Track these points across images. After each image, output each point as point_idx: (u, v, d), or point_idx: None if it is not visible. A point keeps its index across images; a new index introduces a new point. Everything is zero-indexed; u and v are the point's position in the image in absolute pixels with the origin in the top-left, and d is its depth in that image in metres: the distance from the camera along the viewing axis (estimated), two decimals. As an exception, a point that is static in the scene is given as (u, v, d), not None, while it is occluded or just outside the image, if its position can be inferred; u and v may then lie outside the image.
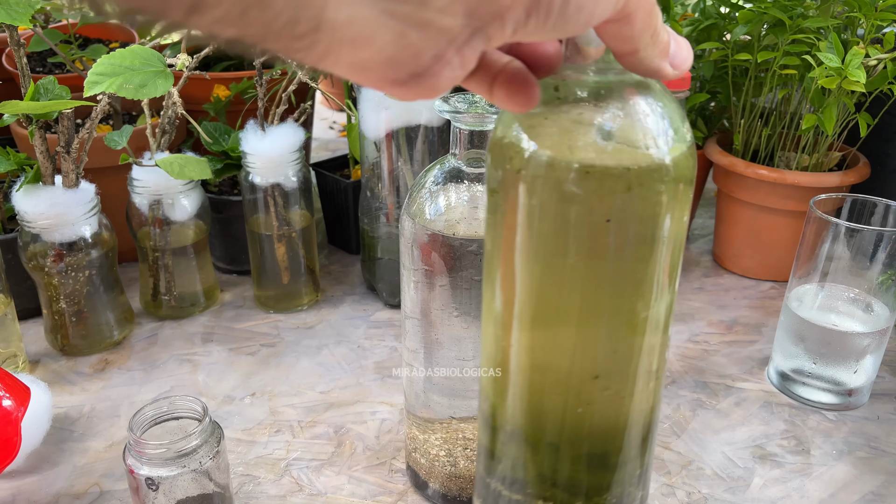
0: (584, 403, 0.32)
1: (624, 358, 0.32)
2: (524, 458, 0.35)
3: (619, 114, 0.28)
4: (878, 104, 0.76)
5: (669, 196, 0.29)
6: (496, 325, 0.33)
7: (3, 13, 0.56)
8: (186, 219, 0.71)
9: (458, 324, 0.44)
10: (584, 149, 0.28)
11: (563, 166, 0.28)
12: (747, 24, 0.74)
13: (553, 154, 0.28)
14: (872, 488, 0.54)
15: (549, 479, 0.34)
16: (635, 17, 0.24)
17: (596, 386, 0.32)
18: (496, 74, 0.26)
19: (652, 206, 0.28)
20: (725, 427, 0.60)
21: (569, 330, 0.31)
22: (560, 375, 0.32)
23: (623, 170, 0.28)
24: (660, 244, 0.30)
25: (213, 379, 0.65)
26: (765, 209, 0.78)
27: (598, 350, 0.32)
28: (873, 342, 0.60)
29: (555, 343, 0.32)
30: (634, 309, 0.31)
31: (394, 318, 0.75)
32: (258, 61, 0.68)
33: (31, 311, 0.73)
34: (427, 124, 0.69)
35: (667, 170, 0.28)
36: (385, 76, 0.20)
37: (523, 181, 0.29)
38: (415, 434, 0.51)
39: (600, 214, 0.28)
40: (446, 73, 0.21)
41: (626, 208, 0.28)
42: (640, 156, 0.28)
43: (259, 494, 0.53)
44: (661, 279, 0.31)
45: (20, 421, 0.49)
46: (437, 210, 0.43)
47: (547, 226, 0.29)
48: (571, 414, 0.33)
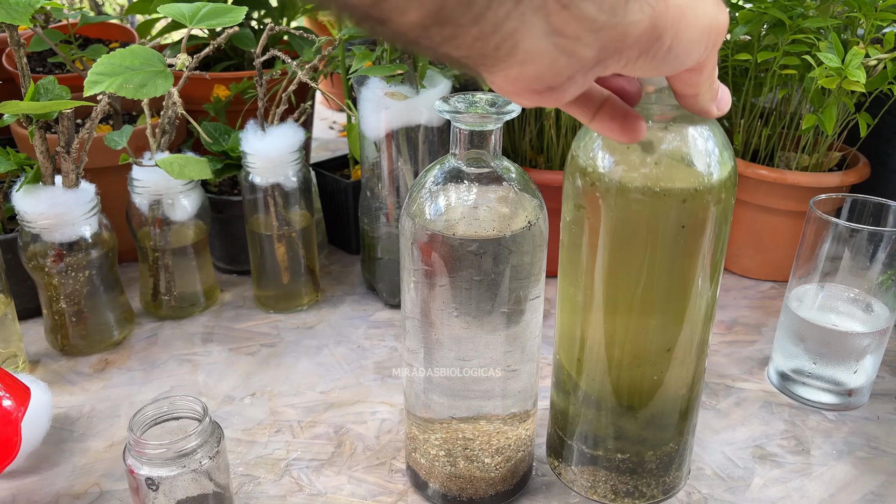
0: (658, 372, 0.42)
1: (689, 333, 0.41)
2: (604, 420, 0.44)
3: (681, 141, 0.37)
4: (878, 104, 0.76)
5: (715, 204, 0.38)
6: (578, 314, 0.43)
7: (3, 13, 0.56)
8: (186, 219, 0.71)
9: (458, 324, 0.44)
10: (650, 173, 0.36)
11: (634, 188, 0.37)
12: (747, 24, 0.74)
13: (624, 178, 0.37)
14: (872, 488, 0.54)
15: (624, 435, 0.44)
16: (705, 69, 0.31)
17: (669, 357, 0.42)
18: (601, 105, 0.33)
19: (704, 212, 0.38)
20: (725, 427, 0.60)
21: (650, 314, 0.40)
22: (640, 350, 0.41)
23: (681, 190, 0.37)
24: (710, 241, 0.39)
25: (213, 379, 0.65)
26: (765, 209, 0.78)
27: (671, 328, 0.41)
28: (873, 342, 0.60)
29: (639, 325, 0.41)
30: (696, 291, 0.40)
31: (394, 318, 0.75)
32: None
33: (31, 311, 0.73)
34: (427, 124, 0.69)
35: (714, 186, 0.37)
36: (529, 86, 0.26)
37: (602, 199, 0.38)
38: (415, 434, 0.51)
39: (669, 221, 0.37)
40: (572, 90, 0.27)
41: (685, 216, 0.37)
42: (696, 174, 0.37)
43: (259, 494, 0.53)
44: (717, 267, 0.40)
45: (20, 421, 0.49)
46: (437, 210, 0.43)
47: (625, 232, 0.38)
48: (649, 381, 0.42)
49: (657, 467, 0.46)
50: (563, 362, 0.46)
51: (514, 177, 0.44)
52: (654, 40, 0.26)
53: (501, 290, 0.43)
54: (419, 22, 0.21)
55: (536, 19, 0.22)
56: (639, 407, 0.44)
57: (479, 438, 0.48)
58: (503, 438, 0.49)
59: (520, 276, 0.44)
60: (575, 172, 0.40)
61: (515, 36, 0.22)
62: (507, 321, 0.45)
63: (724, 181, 0.38)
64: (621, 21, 0.24)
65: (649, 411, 0.44)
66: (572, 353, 0.45)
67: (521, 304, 0.45)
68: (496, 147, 0.43)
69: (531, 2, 0.22)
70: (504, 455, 0.49)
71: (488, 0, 0.21)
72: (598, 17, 0.23)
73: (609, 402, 0.44)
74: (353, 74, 0.68)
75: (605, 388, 0.44)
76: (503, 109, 0.41)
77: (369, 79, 0.68)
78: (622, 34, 0.24)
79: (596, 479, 0.48)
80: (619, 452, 0.46)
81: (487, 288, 0.43)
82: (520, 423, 0.49)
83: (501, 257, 0.43)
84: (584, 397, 0.45)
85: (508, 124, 0.79)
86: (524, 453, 0.51)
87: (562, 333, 0.46)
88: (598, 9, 0.23)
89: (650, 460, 0.46)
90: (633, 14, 0.24)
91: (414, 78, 0.69)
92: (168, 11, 0.62)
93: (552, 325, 0.72)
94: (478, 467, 0.49)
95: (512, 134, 0.80)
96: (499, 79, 0.26)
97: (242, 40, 0.85)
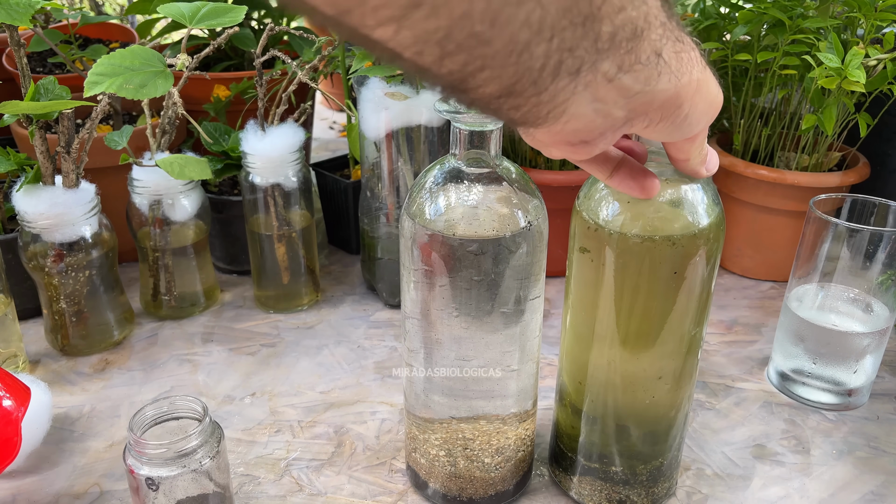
0: (650, 396, 0.47)
1: (677, 363, 0.46)
2: (601, 437, 0.49)
3: (675, 195, 0.42)
4: (878, 104, 0.76)
5: (704, 247, 0.42)
6: (580, 342, 0.47)
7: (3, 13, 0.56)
8: (186, 219, 0.71)
9: (458, 324, 0.44)
10: (649, 223, 0.42)
11: (632, 235, 0.42)
12: (747, 24, 0.74)
13: (624, 226, 0.42)
14: (872, 488, 0.54)
15: (619, 451, 0.49)
16: (698, 138, 0.35)
17: (659, 384, 0.46)
18: (618, 165, 0.39)
19: (693, 257, 0.42)
20: (725, 427, 0.60)
21: (644, 348, 0.45)
22: (635, 377, 0.46)
23: (674, 237, 0.41)
24: (698, 284, 0.43)
25: (213, 379, 0.65)
26: (765, 209, 0.78)
27: (663, 359, 0.45)
28: (873, 342, 0.60)
29: (633, 356, 0.45)
30: (686, 329, 0.45)
31: (394, 318, 0.75)
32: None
33: (31, 311, 0.73)
34: (427, 124, 0.69)
35: (703, 233, 0.42)
36: (565, 139, 0.30)
37: (603, 243, 0.43)
38: (415, 434, 0.51)
39: (663, 266, 0.42)
40: (601, 144, 0.31)
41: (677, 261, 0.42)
42: (688, 224, 0.42)
43: (259, 494, 0.53)
44: (704, 308, 0.45)
45: (20, 421, 0.49)
46: (437, 210, 0.43)
47: (623, 274, 0.43)
48: (641, 404, 0.47)
49: (647, 479, 0.50)
50: (567, 383, 0.50)
51: (514, 177, 0.44)
52: (675, 107, 0.30)
53: (501, 290, 0.43)
54: (494, 94, 0.25)
55: (586, 91, 0.26)
56: (633, 426, 0.48)
57: (479, 438, 0.48)
58: (503, 438, 0.49)
59: (520, 276, 0.44)
60: (579, 218, 0.45)
61: (566, 104, 0.26)
62: (507, 321, 0.45)
63: (712, 228, 0.42)
64: (653, 89, 0.28)
65: (642, 430, 0.48)
66: (575, 376, 0.49)
67: (521, 304, 0.45)
68: (496, 147, 0.43)
69: (584, 77, 0.25)
70: (504, 455, 0.49)
71: (552, 78, 0.25)
72: (634, 86, 0.27)
73: (606, 421, 0.48)
74: (353, 74, 0.68)
75: (602, 409, 0.48)
76: (503, 109, 0.41)
77: (369, 79, 0.68)
78: (650, 100, 0.28)
79: (592, 488, 0.51)
80: (613, 465, 0.50)
81: (487, 288, 0.43)
82: (520, 422, 0.49)
83: (501, 257, 0.43)
84: (584, 416, 0.49)
85: (508, 124, 0.79)
86: (524, 453, 0.51)
87: (566, 358, 0.50)
88: (635, 80, 0.27)
89: (641, 473, 0.50)
90: (663, 83, 0.28)
91: (414, 78, 0.69)
92: (168, 11, 0.62)
93: (552, 326, 0.73)
94: (478, 467, 0.49)
95: (512, 134, 0.80)
96: (541, 133, 0.30)
97: (242, 40, 0.85)
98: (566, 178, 0.75)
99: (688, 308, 0.44)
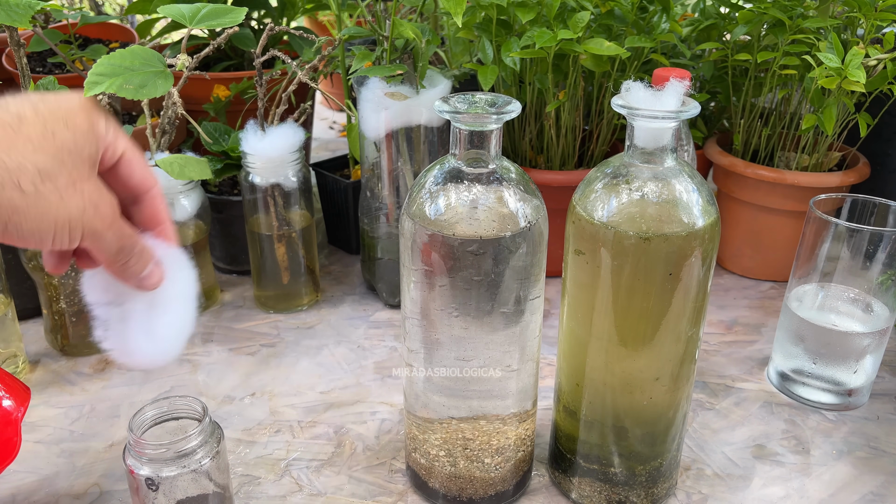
0: (647, 397, 0.47)
1: (674, 364, 0.46)
2: (601, 439, 0.49)
3: (670, 196, 0.43)
4: (878, 104, 0.76)
5: (699, 248, 0.42)
6: (578, 344, 0.47)
7: (3, 14, 0.56)
8: (186, 219, 0.71)
9: (458, 324, 0.44)
10: (644, 223, 0.42)
11: (628, 236, 0.42)
12: (747, 24, 0.74)
13: (619, 227, 0.42)
14: (872, 488, 0.54)
15: (617, 452, 0.49)
16: (100, 253, 0.36)
17: (657, 384, 0.46)
18: None
19: (688, 258, 0.42)
20: (725, 427, 0.60)
21: (640, 349, 0.45)
22: (632, 378, 0.46)
23: (669, 238, 0.42)
24: (693, 286, 0.43)
25: (213, 379, 0.65)
26: (765, 209, 0.78)
27: (660, 360, 0.45)
28: (873, 342, 0.60)
29: (630, 357, 0.45)
30: (682, 330, 0.45)
31: (394, 318, 0.75)
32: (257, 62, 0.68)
33: (31, 311, 0.73)
34: (427, 124, 0.69)
35: (698, 233, 0.42)
36: None
37: (598, 245, 0.43)
38: (414, 434, 0.51)
39: (658, 267, 0.42)
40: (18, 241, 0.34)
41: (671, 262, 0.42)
42: (683, 224, 0.42)
43: (259, 494, 0.53)
44: (700, 310, 0.45)
45: (20, 421, 0.49)
46: (437, 210, 0.43)
47: (619, 276, 0.43)
48: (639, 405, 0.47)
49: (647, 480, 0.50)
50: (564, 385, 0.50)
51: (514, 177, 0.44)
52: None
53: (501, 290, 0.43)
54: None
55: None
56: (631, 427, 0.48)
57: (479, 438, 0.48)
58: (503, 438, 0.49)
59: (520, 276, 0.44)
60: (574, 221, 0.45)
61: None
62: (506, 321, 0.45)
63: (707, 229, 0.42)
64: None
65: (640, 431, 0.48)
66: (573, 378, 0.49)
67: (521, 304, 0.45)
68: (496, 147, 0.43)
69: None
70: (504, 455, 0.49)
71: None
72: None
73: (604, 422, 0.48)
74: (353, 74, 0.68)
75: (600, 410, 0.48)
76: (503, 109, 0.41)
77: (369, 79, 0.68)
78: None
79: (592, 489, 0.51)
80: (612, 466, 0.49)
81: (487, 288, 0.43)
82: (520, 422, 0.49)
83: (501, 257, 0.43)
84: (583, 417, 0.49)
85: (508, 124, 0.79)
86: (524, 453, 0.51)
87: (564, 359, 0.50)
88: None
89: (641, 473, 0.50)
90: None
91: (414, 78, 0.69)
92: (168, 12, 0.62)
93: (552, 326, 0.72)
94: (478, 467, 0.49)
95: (512, 134, 0.80)
96: None
97: (242, 40, 0.85)
98: (566, 178, 0.75)
99: (684, 309, 0.44)
